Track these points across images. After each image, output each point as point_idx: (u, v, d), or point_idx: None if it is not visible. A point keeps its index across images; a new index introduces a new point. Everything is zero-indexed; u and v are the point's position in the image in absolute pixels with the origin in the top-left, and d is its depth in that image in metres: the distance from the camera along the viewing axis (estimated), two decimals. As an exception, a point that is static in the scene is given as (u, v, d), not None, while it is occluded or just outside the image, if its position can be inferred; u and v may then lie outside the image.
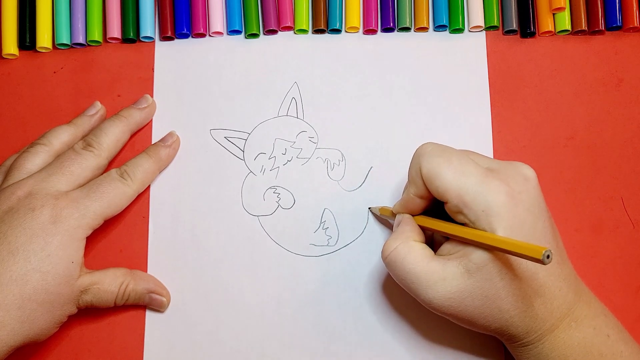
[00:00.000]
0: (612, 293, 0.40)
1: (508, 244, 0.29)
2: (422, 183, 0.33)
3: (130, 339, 0.40)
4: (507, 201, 0.31)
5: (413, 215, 0.36)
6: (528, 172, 0.33)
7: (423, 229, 0.35)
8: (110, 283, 0.37)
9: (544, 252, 0.27)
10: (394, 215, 0.37)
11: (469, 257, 0.32)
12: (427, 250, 0.33)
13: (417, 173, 0.33)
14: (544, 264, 0.27)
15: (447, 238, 0.34)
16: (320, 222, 0.41)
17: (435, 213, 0.36)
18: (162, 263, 0.41)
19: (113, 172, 0.39)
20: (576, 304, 0.33)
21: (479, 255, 0.31)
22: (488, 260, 0.31)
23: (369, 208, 0.41)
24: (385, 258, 0.34)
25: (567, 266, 0.34)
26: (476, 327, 0.34)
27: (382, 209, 0.39)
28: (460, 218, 0.32)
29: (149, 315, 0.40)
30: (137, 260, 0.41)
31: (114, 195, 0.37)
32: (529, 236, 0.31)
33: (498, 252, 0.31)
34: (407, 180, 0.35)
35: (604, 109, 0.42)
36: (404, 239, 0.34)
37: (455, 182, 0.32)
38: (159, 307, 0.40)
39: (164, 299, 0.39)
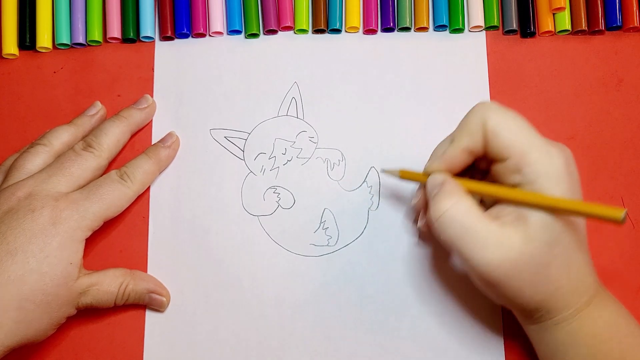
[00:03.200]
0: (612, 293, 0.40)
1: (585, 206, 0.29)
2: (481, 136, 0.32)
3: (130, 339, 0.40)
4: (565, 168, 0.31)
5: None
6: (571, 153, 0.33)
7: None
8: (109, 284, 0.37)
9: (624, 211, 0.28)
10: (423, 177, 0.35)
11: (526, 222, 0.30)
12: (482, 211, 0.32)
13: (477, 125, 0.32)
14: (620, 223, 0.28)
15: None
16: (320, 222, 0.41)
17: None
18: (162, 263, 0.41)
19: (113, 173, 0.39)
20: (600, 285, 0.34)
21: (539, 220, 0.30)
22: (548, 225, 0.30)
23: (382, 170, 0.38)
24: (440, 215, 0.31)
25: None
26: (521, 300, 0.32)
27: (404, 171, 0.37)
28: (515, 178, 0.32)
29: (149, 315, 0.40)
30: (137, 260, 0.41)
31: (113, 196, 0.37)
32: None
33: (560, 216, 0.30)
34: (448, 138, 0.34)
35: (604, 109, 0.42)
36: (459, 196, 0.32)
37: (522, 139, 0.31)
38: (159, 307, 0.40)
39: (164, 299, 0.39)
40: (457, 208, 0.31)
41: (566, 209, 0.30)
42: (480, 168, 0.36)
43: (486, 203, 0.35)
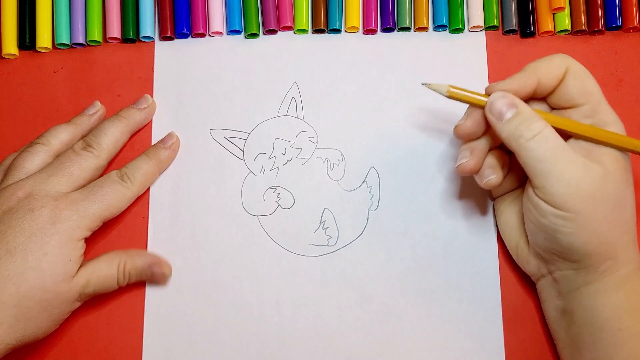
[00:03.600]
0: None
1: None
2: (559, 75, 0.34)
3: (129, 339, 0.40)
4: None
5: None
6: None
7: None
8: (107, 267, 0.37)
9: None
10: (479, 99, 0.34)
11: (600, 158, 0.33)
12: None
13: (560, 65, 0.34)
14: None
15: None
16: (320, 222, 0.41)
17: None
18: (162, 263, 0.41)
19: (113, 174, 0.39)
20: None
21: (612, 158, 0.33)
22: (621, 164, 0.33)
23: (424, 83, 0.36)
24: (539, 133, 0.32)
25: None
26: (598, 233, 0.32)
27: (455, 88, 0.35)
28: (585, 122, 0.34)
29: (148, 314, 0.40)
30: (137, 260, 0.41)
31: (113, 197, 0.37)
32: None
33: (628, 156, 0.34)
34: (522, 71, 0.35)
35: (604, 108, 0.42)
36: (541, 117, 0.33)
37: (598, 91, 0.35)
38: (161, 279, 0.39)
39: (165, 271, 0.39)
40: (550, 129, 0.33)
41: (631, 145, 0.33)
42: None
43: None
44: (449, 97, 0.35)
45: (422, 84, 0.36)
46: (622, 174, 0.33)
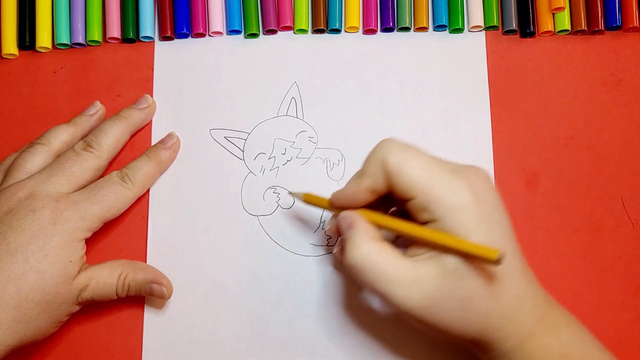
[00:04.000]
0: (612, 293, 0.40)
1: (462, 245, 0.29)
2: (382, 177, 0.32)
3: (129, 339, 0.40)
4: (473, 198, 0.30)
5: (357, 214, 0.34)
6: (485, 174, 0.33)
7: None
8: (108, 275, 0.37)
9: (499, 253, 0.28)
10: (330, 207, 0.35)
11: (441, 258, 0.30)
12: (397, 251, 0.32)
13: (378, 166, 0.32)
14: (497, 264, 0.28)
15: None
16: (320, 222, 0.41)
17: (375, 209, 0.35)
18: (162, 263, 0.41)
19: (114, 175, 0.39)
20: (549, 309, 0.32)
21: (451, 256, 0.30)
22: (461, 260, 0.30)
23: (290, 192, 0.39)
24: (355, 264, 0.31)
25: (529, 269, 0.33)
26: (453, 334, 0.31)
27: (309, 195, 0.37)
28: (423, 216, 0.31)
29: (148, 314, 0.40)
30: (137, 260, 0.41)
31: (114, 198, 0.37)
32: (498, 230, 0.31)
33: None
34: (357, 172, 0.34)
35: (604, 109, 0.42)
36: (368, 240, 0.32)
37: (424, 177, 0.31)
38: (160, 297, 0.39)
39: (164, 289, 0.39)
40: (368, 255, 0.31)
41: (450, 248, 0.30)
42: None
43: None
44: (306, 202, 0.37)
45: (288, 193, 0.41)
46: (464, 269, 0.30)
